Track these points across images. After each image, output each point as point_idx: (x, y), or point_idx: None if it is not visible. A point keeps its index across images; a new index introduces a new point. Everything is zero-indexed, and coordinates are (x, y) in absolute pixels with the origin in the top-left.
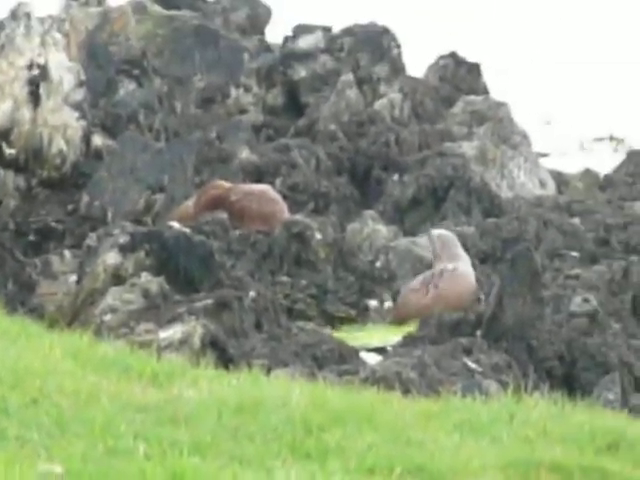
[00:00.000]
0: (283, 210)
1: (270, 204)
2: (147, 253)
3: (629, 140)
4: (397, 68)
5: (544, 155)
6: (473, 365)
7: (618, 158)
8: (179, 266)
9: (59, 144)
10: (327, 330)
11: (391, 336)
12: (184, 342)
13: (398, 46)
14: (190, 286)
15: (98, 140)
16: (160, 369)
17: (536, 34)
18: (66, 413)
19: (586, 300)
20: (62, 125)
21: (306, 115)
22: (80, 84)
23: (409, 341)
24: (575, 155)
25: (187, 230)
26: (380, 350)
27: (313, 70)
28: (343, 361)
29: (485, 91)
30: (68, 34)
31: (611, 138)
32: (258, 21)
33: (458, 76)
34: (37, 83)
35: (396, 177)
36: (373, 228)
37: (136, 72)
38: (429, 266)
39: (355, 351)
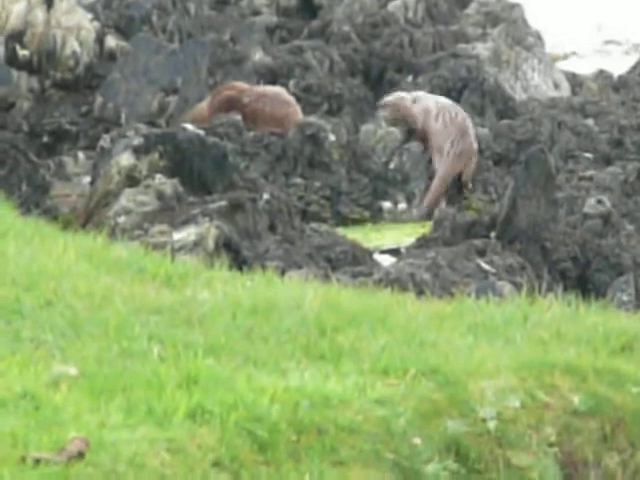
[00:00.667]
0: (296, 112)
1: (283, 106)
2: (161, 155)
3: None
4: None
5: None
6: (487, 266)
7: (631, 60)
8: (193, 168)
9: (72, 45)
10: (340, 231)
11: (405, 237)
12: (198, 244)
13: None
14: (204, 188)
15: (111, 41)
16: (174, 271)
17: None
18: (80, 315)
19: (600, 201)
20: (75, 27)
21: (320, 17)
22: None
23: (423, 242)
24: (589, 57)
25: (201, 132)
26: (394, 251)
27: None
28: (357, 263)
29: None
30: None
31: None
32: None
33: None
34: None
35: (410, 78)
36: (387, 130)
37: None
38: None
39: (369, 253)
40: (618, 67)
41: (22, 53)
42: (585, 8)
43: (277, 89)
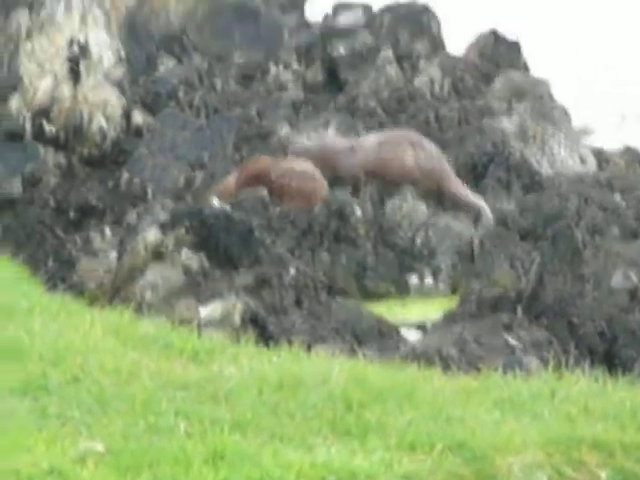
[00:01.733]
0: (323, 187)
1: (310, 182)
2: (187, 230)
3: None
4: (437, 45)
5: (586, 133)
6: (513, 341)
7: None
8: (219, 243)
9: (99, 121)
10: (367, 306)
11: (431, 312)
12: (224, 319)
13: (438, 23)
14: (230, 263)
15: (138, 117)
16: (201, 346)
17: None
18: (107, 391)
19: (627, 276)
20: (102, 102)
21: (346, 91)
22: (120, 61)
23: (449, 317)
24: (613, 130)
25: (227, 207)
26: (420, 326)
27: (353, 47)
28: (383, 337)
29: (525, 68)
30: (108, 12)
31: None
32: None
33: (498, 54)
34: (77, 60)
35: None
36: (413, 204)
37: (176, 49)
38: (469, 242)
39: (395, 327)
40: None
41: (49, 129)
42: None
43: (304, 164)
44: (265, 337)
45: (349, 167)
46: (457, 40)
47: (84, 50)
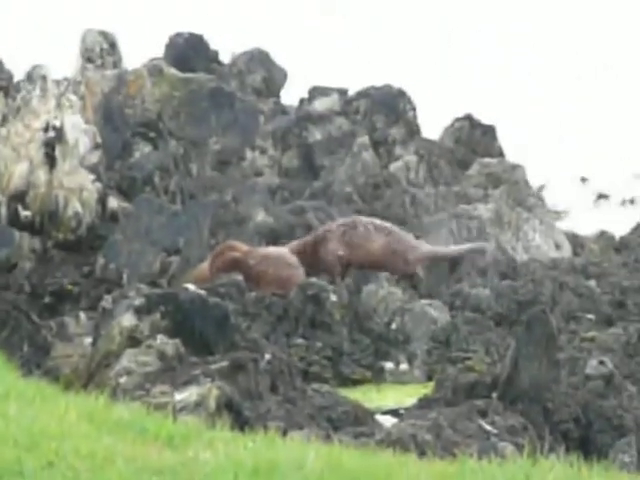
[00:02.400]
0: (300, 275)
1: (287, 268)
2: (163, 315)
3: None
4: (413, 130)
5: (560, 213)
6: (489, 427)
7: (630, 216)
8: (195, 328)
9: (75, 206)
10: (342, 392)
11: (406, 398)
12: (200, 404)
13: (413, 108)
14: (206, 348)
15: (114, 202)
16: (176, 431)
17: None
18: (82, 476)
19: (602, 363)
20: (78, 187)
21: (322, 177)
22: (96, 146)
23: (424, 403)
24: (588, 212)
25: (203, 292)
26: (395, 412)
27: (329, 132)
28: (359, 423)
29: (500, 153)
30: (84, 96)
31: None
32: (274, 83)
33: (474, 139)
34: (53, 145)
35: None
36: (388, 290)
37: (152, 134)
38: (444, 329)
39: (370, 413)
40: (612, 221)
41: (24, 214)
42: (568, 163)
43: (281, 251)
44: (240, 422)
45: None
46: (433, 124)
47: (60, 135)
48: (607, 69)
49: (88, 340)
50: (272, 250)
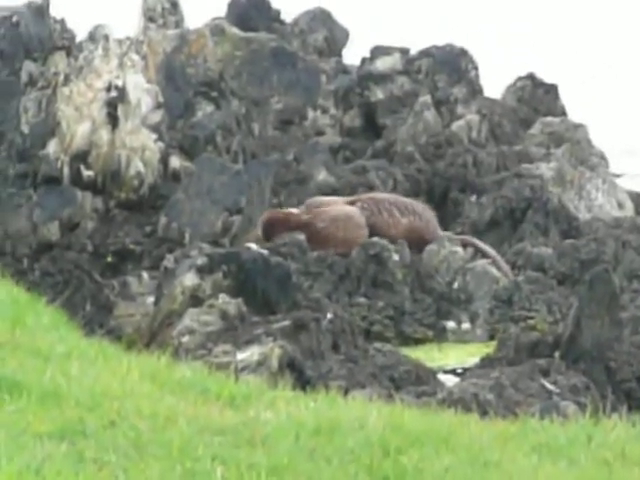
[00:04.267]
0: (366, 235)
1: (355, 230)
2: (225, 275)
3: None
4: (475, 90)
5: (618, 176)
6: (551, 386)
7: None
8: (257, 288)
9: (137, 166)
10: (404, 351)
11: (468, 357)
12: (262, 364)
13: (476, 68)
14: (267, 307)
15: (176, 162)
16: (238, 391)
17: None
18: (144, 435)
19: None
20: (140, 147)
21: (383, 137)
22: (158, 106)
23: (486, 362)
24: None
25: (265, 251)
26: (458, 371)
27: (390, 92)
28: (420, 382)
29: (563, 112)
30: (146, 56)
31: None
32: (335, 43)
33: (536, 98)
34: (115, 105)
35: (474, 199)
36: (450, 249)
37: (214, 94)
38: (506, 288)
39: (432, 372)
40: None
41: (86, 174)
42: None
43: (349, 211)
44: (302, 382)
45: None
46: (495, 84)
47: (122, 94)
48: None
49: (150, 299)
50: (341, 210)
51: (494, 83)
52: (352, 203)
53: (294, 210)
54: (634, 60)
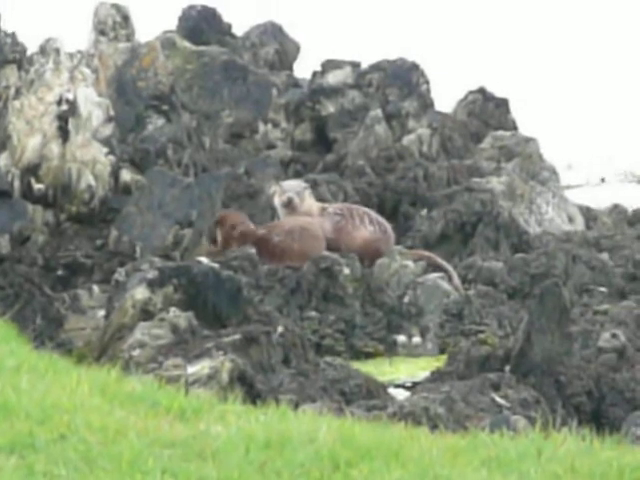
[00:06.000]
0: (322, 246)
1: (311, 241)
2: (175, 288)
3: None
4: (426, 103)
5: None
6: (501, 400)
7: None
8: (207, 301)
9: (88, 179)
10: (354, 365)
11: (419, 371)
12: (212, 377)
13: (427, 82)
14: (218, 321)
15: (127, 175)
16: (188, 404)
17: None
18: (94, 449)
19: (614, 336)
20: (91, 160)
21: (334, 150)
22: (109, 119)
23: (437, 376)
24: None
25: (215, 265)
26: (408, 385)
27: (341, 105)
28: (371, 396)
29: (514, 126)
30: (97, 69)
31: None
32: (287, 56)
33: (487, 111)
34: (66, 118)
35: (424, 212)
36: (401, 263)
37: (165, 107)
38: (457, 302)
39: (383, 386)
40: (630, 197)
41: (37, 187)
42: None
43: (304, 222)
44: (253, 395)
45: None
46: (446, 98)
47: (73, 108)
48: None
49: (101, 313)
50: (293, 223)
51: (445, 97)
52: (324, 208)
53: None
54: (583, 74)
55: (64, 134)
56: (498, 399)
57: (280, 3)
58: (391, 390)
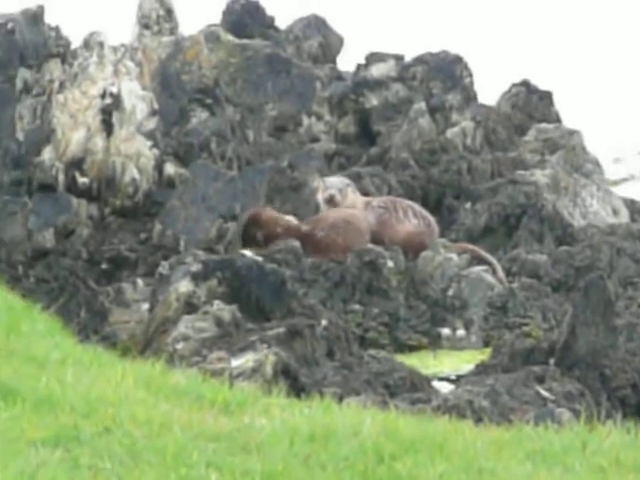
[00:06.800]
0: (366, 240)
1: (355, 235)
2: (219, 281)
3: None
4: (469, 96)
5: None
6: (545, 393)
7: None
8: (251, 294)
9: (132, 173)
10: (399, 358)
11: (463, 364)
12: (256, 370)
13: (470, 74)
14: (262, 314)
15: (170, 169)
16: (232, 398)
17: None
18: (139, 442)
19: None
20: (135, 154)
21: (378, 143)
22: (153, 113)
23: (481, 369)
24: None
25: (259, 258)
26: (452, 378)
27: (385, 98)
28: (415, 389)
29: (557, 119)
30: (141, 63)
31: None
32: (330, 49)
33: (530, 104)
34: (110, 112)
35: (468, 205)
36: (445, 256)
37: (208, 101)
38: (501, 294)
39: (427, 379)
40: None
41: (82, 181)
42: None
43: (347, 216)
44: (297, 388)
45: None
46: (490, 90)
47: (117, 102)
48: None
49: (145, 306)
50: (336, 217)
51: (489, 90)
52: (368, 203)
53: (289, 218)
54: (628, 66)
55: (108, 128)
56: (542, 392)
57: None
58: (435, 383)
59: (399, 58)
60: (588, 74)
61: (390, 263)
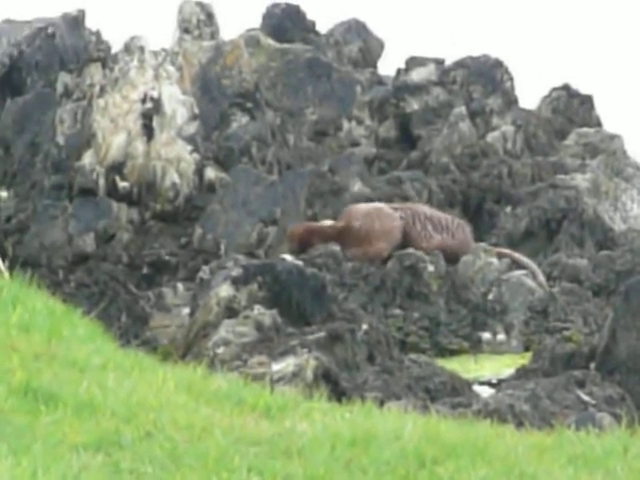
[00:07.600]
0: (400, 225)
1: (389, 220)
2: (260, 286)
3: None
4: (510, 100)
5: None
6: (586, 397)
7: None
8: (292, 298)
9: (172, 177)
10: (439, 362)
11: (503, 368)
12: (297, 375)
13: (511, 78)
14: (303, 319)
15: (211, 173)
16: (273, 402)
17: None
18: (180, 446)
19: None
20: (175, 158)
21: (418, 148)
22: (193, 117)
23: (522, 374)
24: None
25: (300, 263)
26: (493, 382)
27: (425, 103)
28: (456, 394)
29: (598, 123)
30: (181, 67)
31: None
32: (371, 54)
33: (571, 108)
34: (150, 116)
35: (509, 209)
36: (485, 261)
37: (249, 105)
38: (541, 299)
39: (468, 384)
40: None
41: (122, 185)
42: None
43: (375, 204)
44: (338, 393)
45: None
46: (530, 94)
47: (157, 106)
48: None
49: (186, 311)
50: (367, 206)
51: (529, 94)
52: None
53: (325, 223)
54: None
55: (149, 132)
56: (583, 396)
57: (364, 0)
58: (476, 387)
59: (439, 62)
60: (629, 78)
61: (430, 267)
